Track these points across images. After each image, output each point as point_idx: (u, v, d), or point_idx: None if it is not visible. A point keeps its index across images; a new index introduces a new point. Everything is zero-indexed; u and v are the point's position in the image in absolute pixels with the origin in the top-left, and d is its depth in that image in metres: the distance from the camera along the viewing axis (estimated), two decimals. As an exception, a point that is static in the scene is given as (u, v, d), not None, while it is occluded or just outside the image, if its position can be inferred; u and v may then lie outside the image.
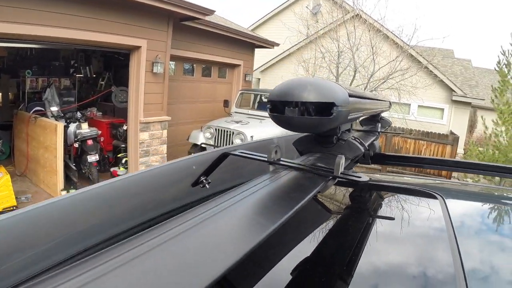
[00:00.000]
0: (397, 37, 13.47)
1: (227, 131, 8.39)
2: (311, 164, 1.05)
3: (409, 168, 10.53)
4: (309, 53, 13.20)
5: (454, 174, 11.51)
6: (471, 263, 0.92)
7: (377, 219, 1.29)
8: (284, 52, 17.16)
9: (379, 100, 1.97)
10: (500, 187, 4.19)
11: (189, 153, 8.66)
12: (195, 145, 8.70)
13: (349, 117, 1.04)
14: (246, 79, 11.52)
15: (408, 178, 2.16)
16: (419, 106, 15.78)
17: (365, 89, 12.60)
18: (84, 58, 10.58)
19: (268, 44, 12.05)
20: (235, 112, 10.09)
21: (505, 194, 1.89)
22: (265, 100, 11.36)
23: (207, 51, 9.44)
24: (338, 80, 12.77)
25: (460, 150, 15.46)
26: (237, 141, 8.22)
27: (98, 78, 10.86)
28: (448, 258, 0.93)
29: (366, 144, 1.49)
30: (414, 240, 1.13)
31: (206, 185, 1.22)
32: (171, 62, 8.08)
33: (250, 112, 10.24)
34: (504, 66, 13.23)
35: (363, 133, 1.97)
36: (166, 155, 8.28)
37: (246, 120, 9.10)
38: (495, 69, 13.67)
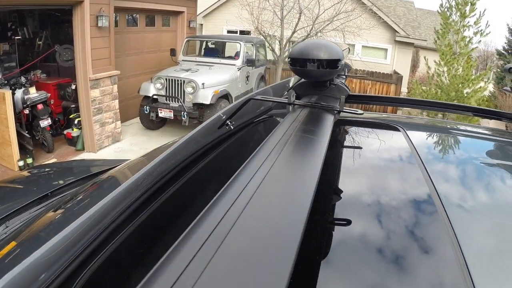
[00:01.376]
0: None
1: (178, 80, 8.50)
2: (316, 102, 1.37)
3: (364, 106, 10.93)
4: (254, -4, 13.17)
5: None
6: (441, 183, 1.16)
7: (348, 149, 1.51)
8: None
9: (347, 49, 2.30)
10: (445, 120, 4.47)
11: (142, 106, 8.75)
12: (146, 97, 8.75)
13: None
14: (191, 26, 11.47)
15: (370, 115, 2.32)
16: (363, 46, 16.26)
17: (310, 31, 12.84)
18: (18, 19, 10.14)
19: None
20: (183, 61, 10.14)
21: (453, 126, 2.22)
22: (211, 46, 11.45)
23: (149, 0, 9.34)
24: (283, 22, 12.93)
25: (404, 89, 16.11)
26: (188, 89, 8.40)
27: (35, 39, 10.47)
28: (420, 178, 1.18)
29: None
30: (385, 166, 1.37)
31: (231, 126, 1.54)
32: (114, 14, 7.98)
33: (198, 59, 10.35)
34: (446, 9, 13.95)
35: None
36: (118, 110, 8.30)
37: (195, 68, 9.22)
38: (438, 11, 14.44)
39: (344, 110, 1.26)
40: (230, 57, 10.70)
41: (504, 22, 35.39)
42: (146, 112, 8.65)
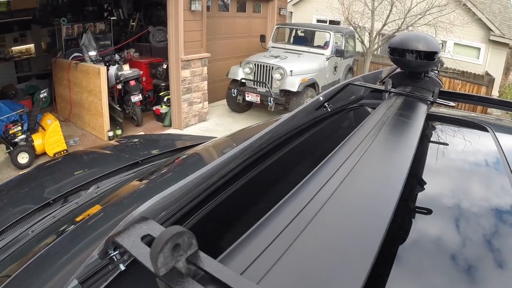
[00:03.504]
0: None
1: (266, 66, 8.53)
2: (410, 92, 1.41)
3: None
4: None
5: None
6: None
7: (433, 144, 1.48)
8: None
9: (441, 44, 2.27)
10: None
11: (229, 89, 8.86)
12: (234, 80, 8.89)
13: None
14: (281, 13, 11.47)
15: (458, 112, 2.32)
16: (455, 44, 15.55)
17: (401, 24, 12.47)
18: (114, 1, 10.56)
19: None
20: (272, 47, 10.19)
21: None
22: (301, 34, 11.35)
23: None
24: (373, 14, 12.62)
25: (495, 92, 15.32)
26: (276, 76, 8.43)
27: (129, 20, 10.87)
28: (505, 185, 1.12)
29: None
30: (469, 167, 1.33)
31: (328, 108, 1.58)
32: (206, -1, 8.12)
33: (287, 46, 10.34)
34: None
35: None
36: (207, 91, 8.52)
37: (284, 55, 9.20)
38: None
39: (437, 101, 1.27)
40: (319, 47, 10.57)
41: None
42: (233, 95, 8.79)
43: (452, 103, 1.35)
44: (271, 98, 8.35)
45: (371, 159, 0.91)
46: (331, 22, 16.17)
